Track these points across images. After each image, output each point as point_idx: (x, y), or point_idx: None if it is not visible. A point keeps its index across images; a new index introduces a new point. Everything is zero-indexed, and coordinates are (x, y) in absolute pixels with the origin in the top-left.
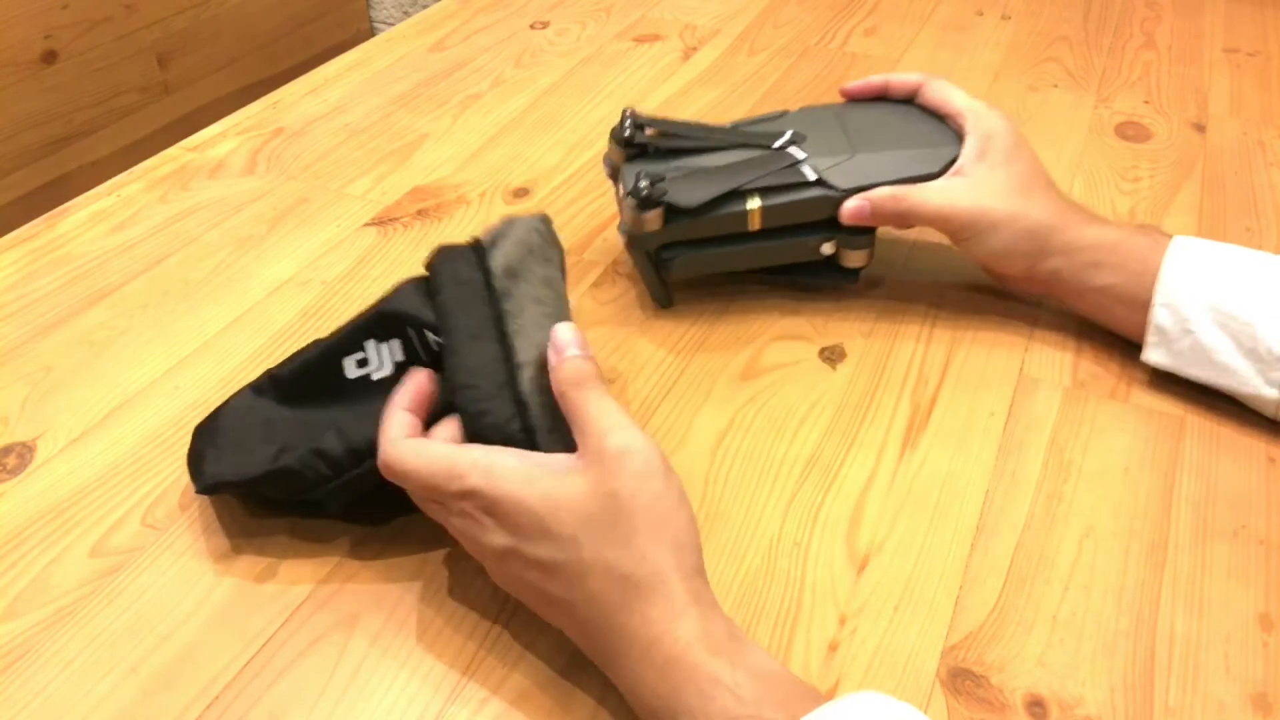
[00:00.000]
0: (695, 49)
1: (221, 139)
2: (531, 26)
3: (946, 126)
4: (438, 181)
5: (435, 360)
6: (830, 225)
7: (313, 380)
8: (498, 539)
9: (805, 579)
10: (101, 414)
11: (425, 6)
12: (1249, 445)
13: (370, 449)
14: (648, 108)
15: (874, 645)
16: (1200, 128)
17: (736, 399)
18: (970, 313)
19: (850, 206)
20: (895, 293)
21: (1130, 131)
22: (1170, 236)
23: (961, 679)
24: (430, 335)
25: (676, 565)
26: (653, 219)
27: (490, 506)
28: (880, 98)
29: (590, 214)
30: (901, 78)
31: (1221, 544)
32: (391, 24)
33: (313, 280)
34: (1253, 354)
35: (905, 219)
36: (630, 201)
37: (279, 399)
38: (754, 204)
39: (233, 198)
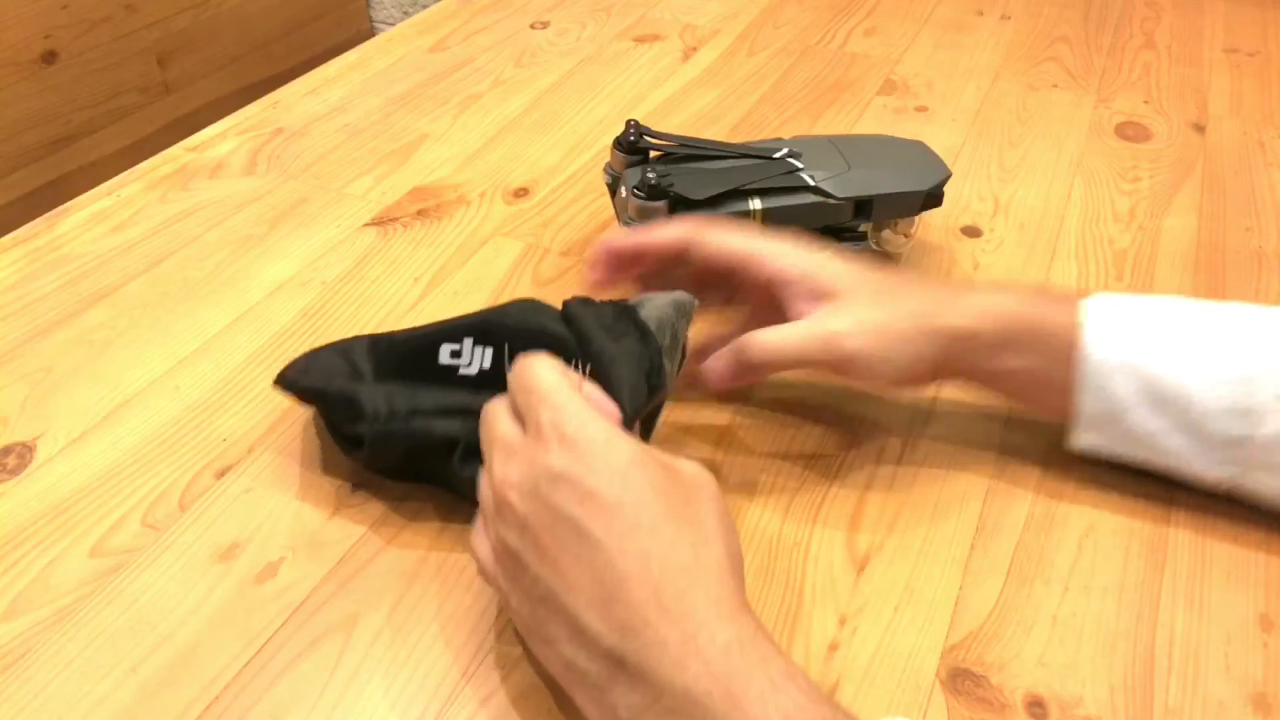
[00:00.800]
0: (695, 49)
1: (221, 139)
2: (531, 26)
3: (934, 155)
4: (438, 181)
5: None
6: (826, 234)
7: (406, 352)
8: (556, 460)
9: (805, 579)
10: (101, 414)
11: (425, 6)
12: None
13: (432, 414)
14: (648, 107)
15: (874, 645)
16: (1200, 128)
17: (736, 399)
18: None
19: (711, 369)
20: None
21: (1130, 131)
22: (1076, 301)
23: (961, 679)
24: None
25: (737, 570)
26: (659, 210)
27: (568, 428)
28: (865, 141)
29: (590, 214)
30: (659, 241)
31: (1221, 544)
32: (391, 24)
33: (313, 280)
34: (1193, 434)
35: (769, 366)
36: (638, 194)
37: (372, 359)
38: (756, 205)
39: (233, 198)
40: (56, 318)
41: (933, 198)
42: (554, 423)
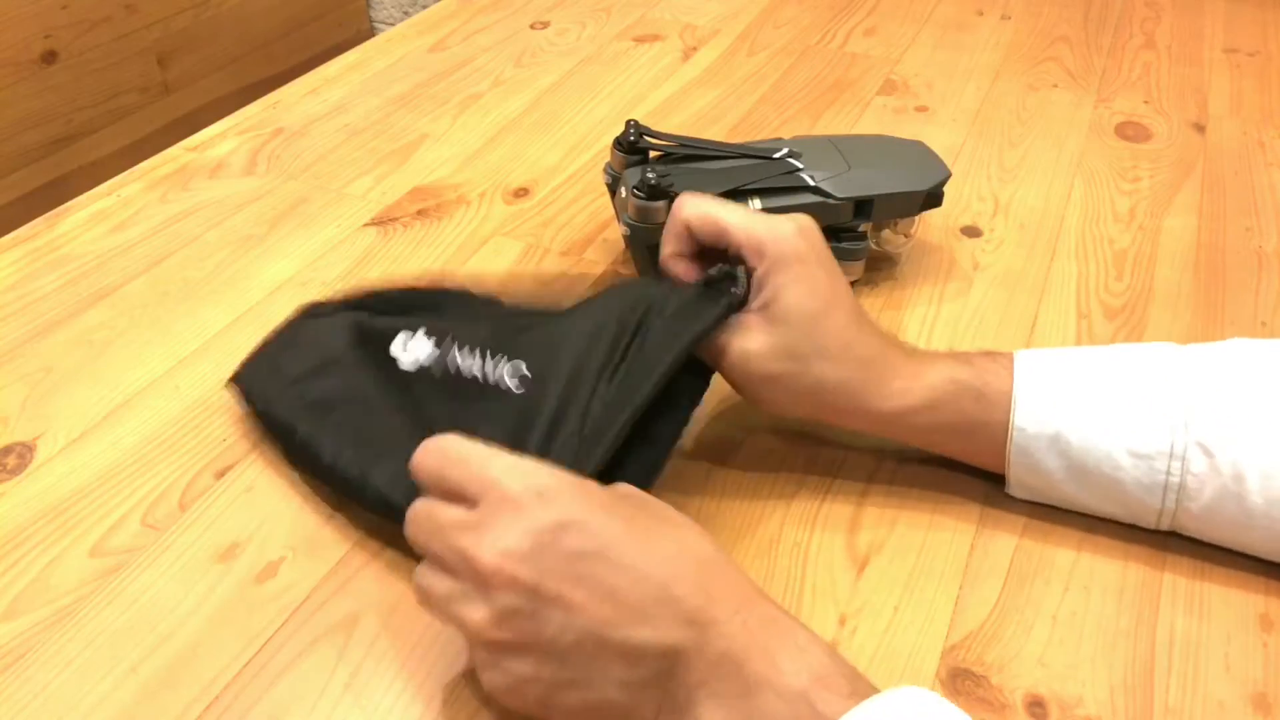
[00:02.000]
0: (695, 49)
1: (221, 139)
2: (531, 26)
3: (933, 155)
4: (438, 181)
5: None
6: (827, 234)
7: (375, 334)
8: (546, 514)
9: (805, 579)
10: (101, 414)
11: (425, 6)
12: None
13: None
14: (648, 107)
15: (874, 645)
16: (1200, 128)
17: (736, 398)
18: (970, 313)
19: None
20: (895, 292)
21: (1130, 131)
22: (1010, 375)
23: (961, 679)
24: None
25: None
26: (659, 210)
27: (536, 482)
28: (865, 141)
29: (590, 214)
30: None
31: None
32: (391, 24)
33: (313, 280)
34: (1120, 504)
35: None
36: (637, 194)
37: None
38: (756, 205)
39: (233, 198)
40: (56, 318)
41: (933, 198)
42: (522, 485)
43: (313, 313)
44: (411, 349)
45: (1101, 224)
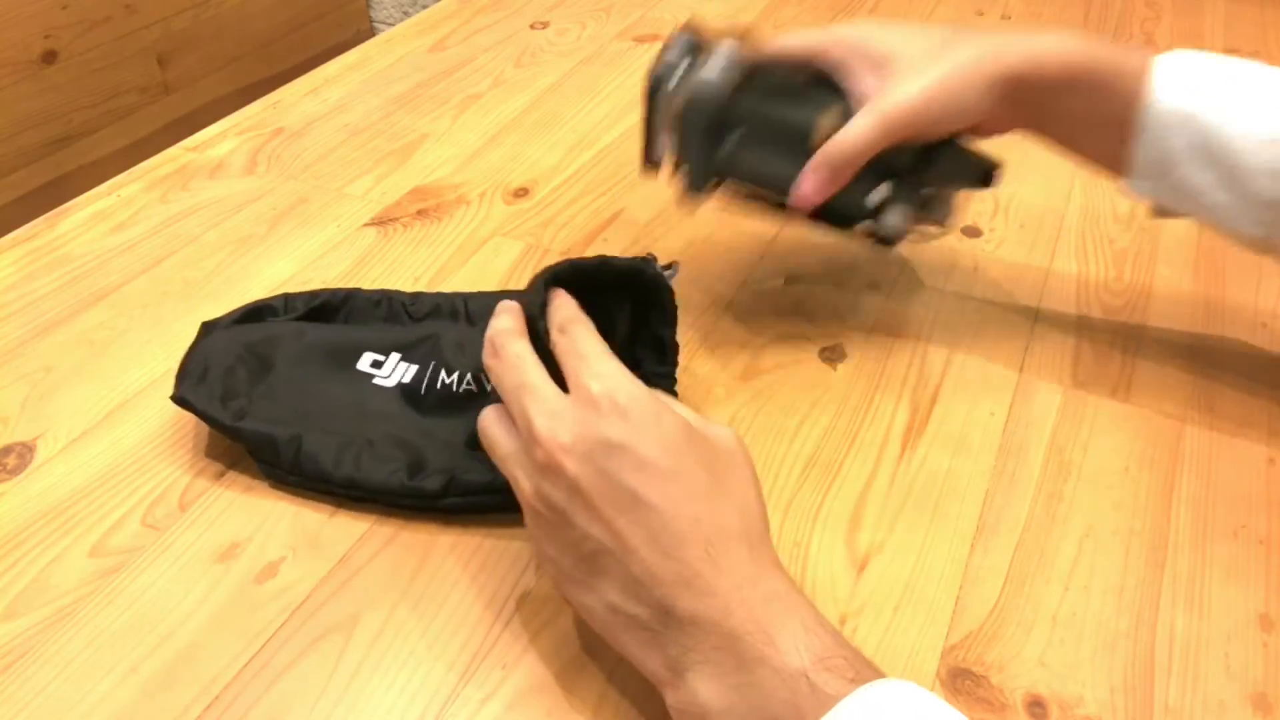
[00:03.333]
0: None
1: (221, 139)
2: (531, 26)
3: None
4: (438, 181)
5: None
6: (880, 177)
7: (327, 350)
8: (612, 429)
9: (805, 579)
10: (101, 414)
11: (425, 6)
12: (1249, 445)
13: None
14: None
15: (874, 645)
16: None
17: (736, 398)
18: (970, 312)
19: (802, 190)
20: (895, 292)
21: None
22: (1145, 52)
23: (961, 679)
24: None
25: (767, 531)
26: (724, 76)
27: (619, 397)
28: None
29: (591, 214)
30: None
31: (1221, 544)
32: (391, 24)
33: (313, 280)
34: (1235, 192)
35: (851, 163)
36: (701, 61)
37: (292, 344)
38: (830, 118)
39: (233, 198)
40: (56, 318)
41: (989, 176)
42: (606, 392)
43: (220, 325)
44: (388, 369)
45: (1101, 224)
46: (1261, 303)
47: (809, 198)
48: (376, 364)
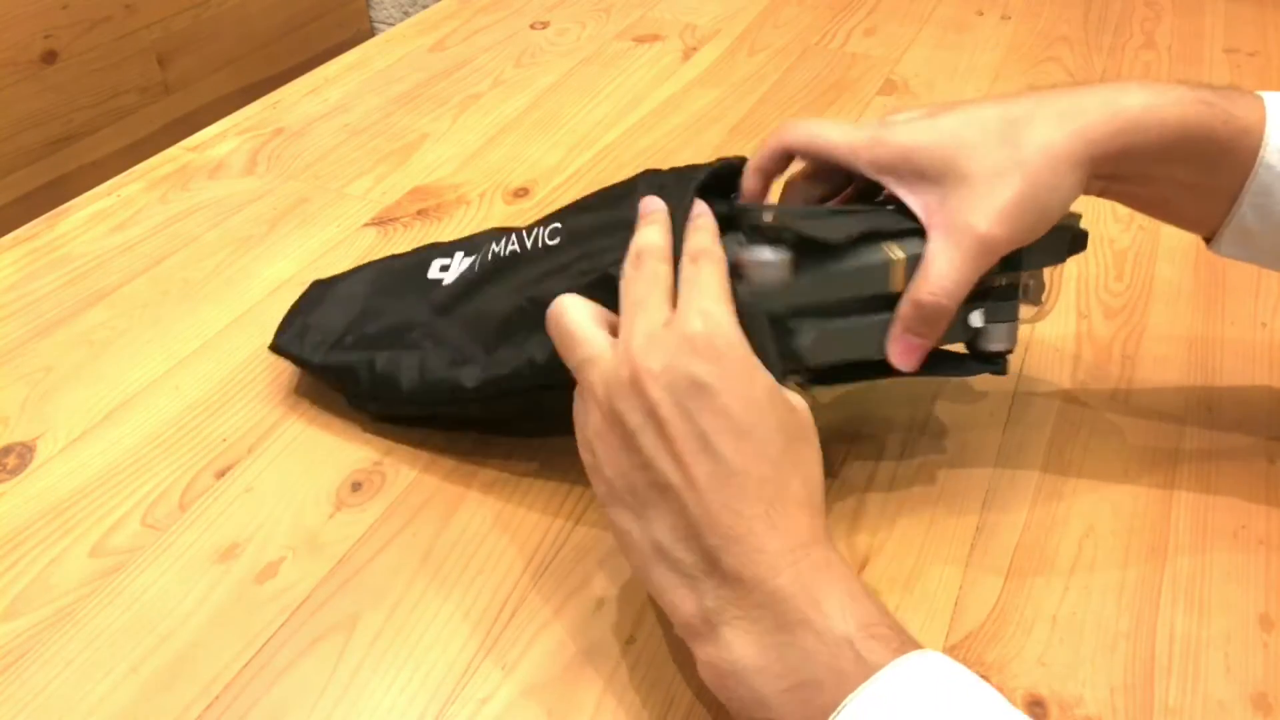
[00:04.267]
0: (695, 49)
1: (221, 139)
2: (531, 26)
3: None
4: (438, 181)
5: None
6: (975, 294)
7: (402, 272)
8: (701, 369)
9: None
10: (101, 414)
11: (425, 6)
12: (1249, 446)
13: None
14: (648, 107)
15: None
16: None
17: None
18: None
19: (900, 349)
20: None
21: None
22: (1256, 107)
23: None
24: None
25: (823, 504)
26: (781, 265)
27: (718, 341)
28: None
29: None
30: (763, 158)
31: (1221, 544)
32: (391, 24)
33: (313, 280)
34: None
35: (974, 276)
36: (756, 247)
37: (373, 286)
38: (897, 253)
39: (233, 198)
40: (56, 318)
41: (1077, 239)
42: (706, 332)
43: (329, 282)
44: (452, 269)
45: (1101, 224)
46: (1261, 303)
47: (909, 364)
48: (444, 268)
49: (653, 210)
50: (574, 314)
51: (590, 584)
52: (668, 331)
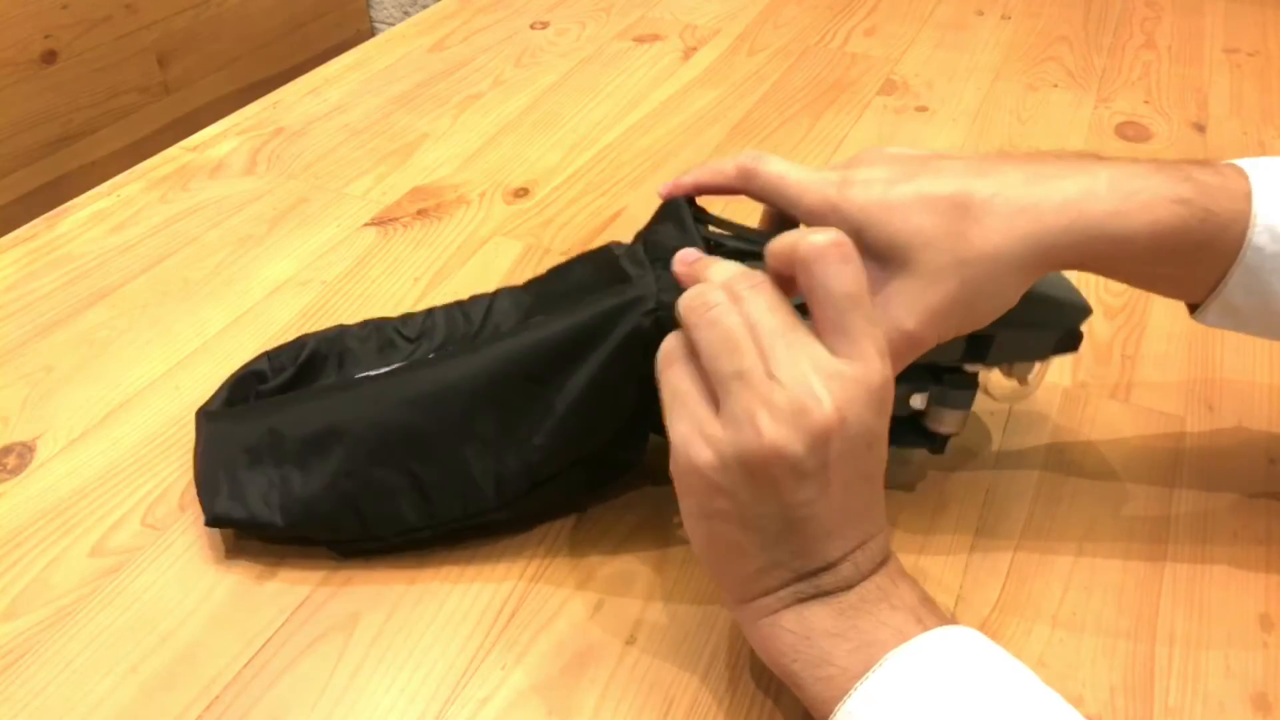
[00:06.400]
0: (695, 49)
1: (221, 139)
2: (531, 26)
3: (1070, 286)
4: (438, 181)
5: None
6: (923, 373)
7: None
8: (875, 423)
9: None
10: (101, 414)
11: (425, 6)
12: (1249, 445)
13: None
14: (648, 107)
15: None
16: (1200, 128)
17: None
18: None
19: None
20: None
21: (1130, 131)
22: (1239, 195)
23: None
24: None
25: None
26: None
27: (884, 381)
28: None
29: (590, 214)
30: (717, 169)
31: (1221, 544)
32: (391, 24)
33: (313, 280)
34: None
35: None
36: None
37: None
38: None
39: (233, 198)
40: (56, 318)
41: (1069, 338)
42: (884, 382)
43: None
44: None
45: None
46: None
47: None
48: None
49: (696, 257)
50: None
51: (590, 584)
52: (847, 373)
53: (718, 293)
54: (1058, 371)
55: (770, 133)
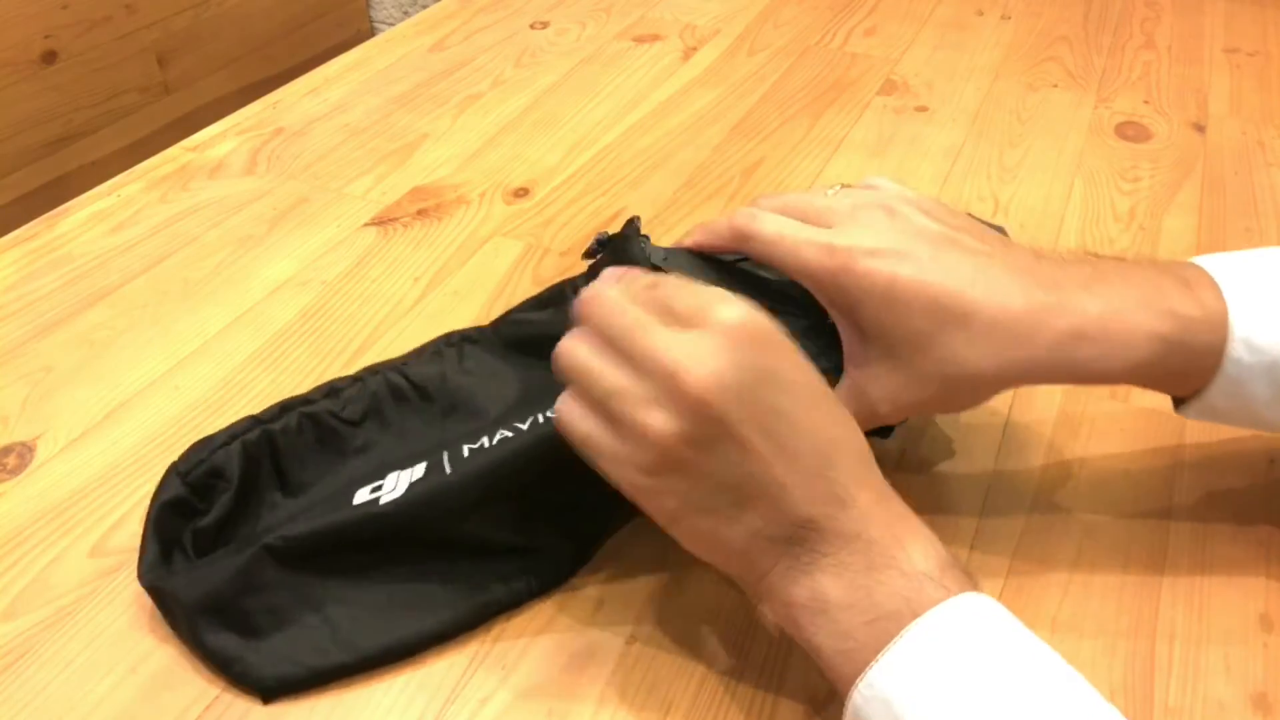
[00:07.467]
0: (695, 49)
1: (221, 139)
2: (531, 26)
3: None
4: (438, 181)
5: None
6: None
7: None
8: (761, 358)
9: None
10: (101, 414)
11: (425, 6)
12: (1249, 445)
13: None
14: (648, 107)
15: None
16: (1200, 128)
17: None
18: None
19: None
20: None
21: (1130, 131)
22: (1216, 316)
23: None
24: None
25: None
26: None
27: (759, 326)
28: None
29: (590, 214)
30: (713, 231)
31: (1221, 544)
32: (391, 24)
33: (313, 280)
34: None
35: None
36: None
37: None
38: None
39: (233, 198)
40: (56, 318)
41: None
42: (747, 319)
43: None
44: (394, 485)
45: (1101, 224)
46: None
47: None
48: (376, 489)
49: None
50: (575, 374)
51: (590, 584)
52: (701, 336)
53: (572, 330)
54: None
55: (770, 133)
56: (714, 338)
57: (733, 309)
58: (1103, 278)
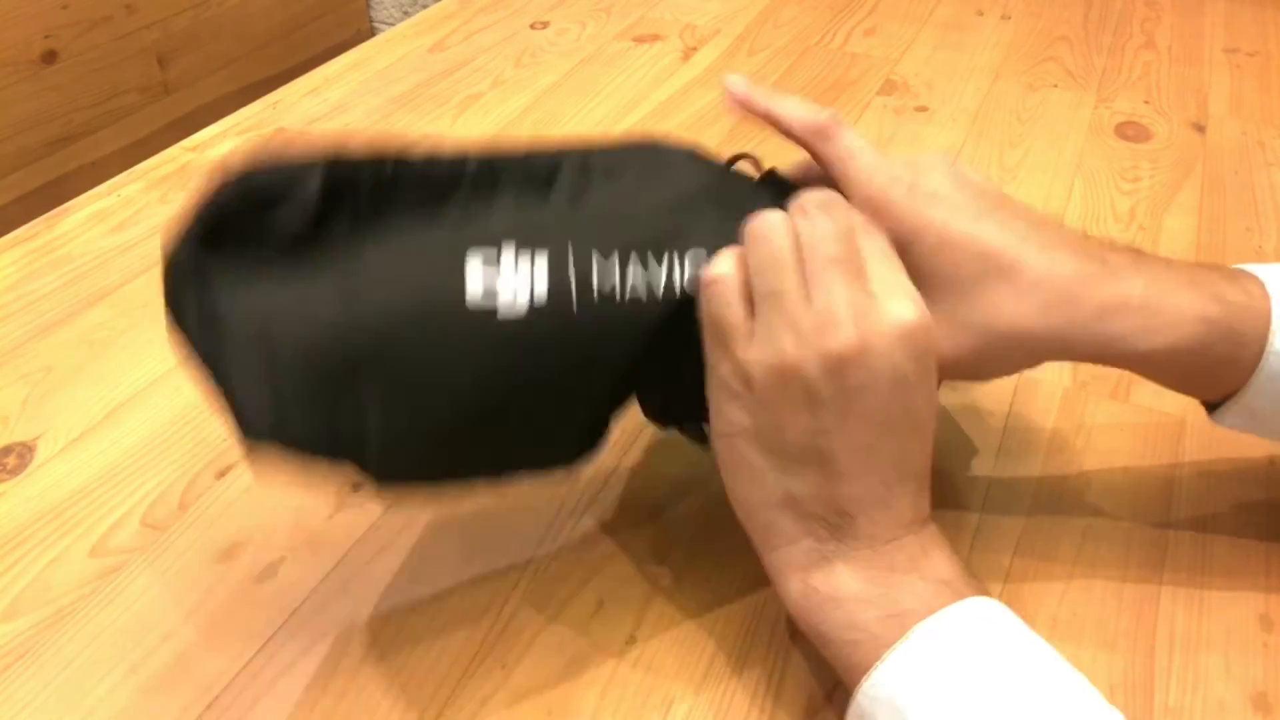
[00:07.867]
0: (695, 49)
1: (221, 139)
2: (531, 26)
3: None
4: None
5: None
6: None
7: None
8: (910, 367)
9: None
10: (101, 414)
11: (425, 6)
12: (1249, 445)
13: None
14: (648, 108)
15: None
16: (1200, 128)
17: None
18: None
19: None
20: None
21: (1130, 131)
22: (1262, 314)
23: None
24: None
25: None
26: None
27: (922, 340)
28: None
29: None
30: (795, 114)
31: (1221, 544)
32: (391, 24)
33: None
34: None
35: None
36: None
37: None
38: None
39: None
40: (56, 318)
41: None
42: (919, 325)
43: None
44: (507, 281)
45: (1101, 224)
46: None
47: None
48: (490, 275)
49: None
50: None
51: (590, 584)
52: (877, 312)
53: (777, 214)
54: (1058, 372)
55: (771, 133)
56: (886, 323)
57: (914, 309)
58: (1148, 261)
